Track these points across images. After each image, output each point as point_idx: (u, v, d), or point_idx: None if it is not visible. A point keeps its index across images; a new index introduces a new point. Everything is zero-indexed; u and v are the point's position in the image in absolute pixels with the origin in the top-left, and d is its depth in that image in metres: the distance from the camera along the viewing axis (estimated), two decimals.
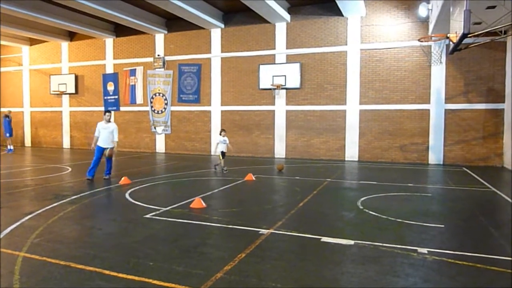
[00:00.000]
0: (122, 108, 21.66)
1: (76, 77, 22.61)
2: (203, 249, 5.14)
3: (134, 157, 18.25)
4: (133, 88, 21.29)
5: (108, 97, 21.86)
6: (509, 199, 8.67)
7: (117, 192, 9.21)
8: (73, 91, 22.54)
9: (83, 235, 5.85)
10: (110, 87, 21.80)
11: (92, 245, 5.28)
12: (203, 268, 4.45)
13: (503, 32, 12.71)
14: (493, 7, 10.48)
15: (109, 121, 11.02)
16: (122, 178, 10.52)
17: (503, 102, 15.09)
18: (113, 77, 21.73)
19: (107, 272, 4.32)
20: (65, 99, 23.15)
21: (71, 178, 11.44)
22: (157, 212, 7.17)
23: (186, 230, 6.06)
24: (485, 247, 5.36)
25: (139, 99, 21.17)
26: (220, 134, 13.24)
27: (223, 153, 12.89)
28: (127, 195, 8.75)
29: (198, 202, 7.62)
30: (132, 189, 9.47)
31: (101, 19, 19.34)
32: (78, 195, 8.66)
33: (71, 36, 22.57)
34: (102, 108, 22.01)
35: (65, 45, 22.91)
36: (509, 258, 4.85)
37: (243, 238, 5.63)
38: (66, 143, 23.29)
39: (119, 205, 8.08)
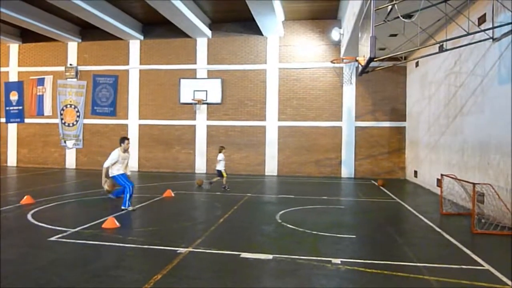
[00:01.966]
0: (27, 120, 19.79)
1: None
2: (115, 272, 4.80)
3: (39, 173, 16.68)
4: (40, 98, 19.61)
5: (11, 108, 19.86)
6: (410, 209, 9.50)
7: (17, 213, 8.28)
8: None
9: None
10: (14, 96, 19.85)
11: None
12: None
13: (403, 57, 14.15)
14: (395, 35, 11.62)
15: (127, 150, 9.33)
16: (25, 197, 9.50)
17: (405, 120, 16.68)
18: (18, 86, 19.83)
19: None
20: None
21: None
22: (64, 234, 6.57)
23: (97, 253, 5.62)
24: (391, 255, 5.77)
25: (47, 110, 19.55)
26: (221, 152, 12.78)
27: (221, 172, 12.55)
28: (29, 216, 7.90)
29: (111, 222, 7.14)
30: (36, 209, 8.60)
31: (4, 22, 17.59)
32: None
33: None
34: (3, 120, 19.92)
35: None
36: (411, 264, 5.26)
37: (159, 259, 5.38)
38: None
39: (19, 227, 7.22)
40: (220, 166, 12.61)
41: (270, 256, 5.48)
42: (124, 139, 9.27)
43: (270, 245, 6.17)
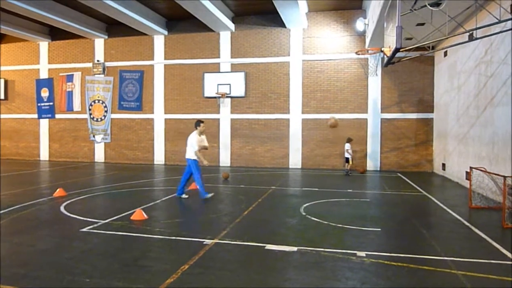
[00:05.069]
0: (57, 116, 20.47)
1: (6, 82, 21.04)
2: (144, 263, 4.96)
3: (70, 167, 17.27)
4: (70, 94, 20.22)
5: (42, 104, 20.57)
6: (438, 202, 9.32)
7: (51, 206, 8.64)
8: (2, 97, 20.94)
9: (11, 253, 5.39)
10: (45, 93, 20.54)
11: (22, 264, 4.89)
12: (144, 282, 4.29)
13: (431, 47, 13.78)
14: (422, 24, 11.32)
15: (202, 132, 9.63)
16: (57, 190, 9.89)
17: (432, 112, 16.29)
18: (48, 83, 20.51)
19: None
20: None
21: None
22: (95, 225, 6.82)
23: (126, 243, 5.82)
24: (417, 248, 5.70)
25: (76, 106, 20.14)
26: (349, 142, 15.34)
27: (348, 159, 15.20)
28: (62, 208, 8.24)
29: (139, 214, 7.36)
30: (68, 202, 8.94)
31: (34, 21, 18.21)
32: (6, 210, 8.01)
33: (1, 38, 21.00)
34: (35, 116, 20.68)
35: None
36: (438, 258, 5.19)
37: (186, 250, 5.51)
38: None
39: (53, 219, 7.55)
40: (348, 154, 15.15)
41: (295, 248, 5.53)
42: (200, 122, 9.55)
43: (295, 238, 6.21)
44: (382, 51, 11.26)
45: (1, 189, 10.63)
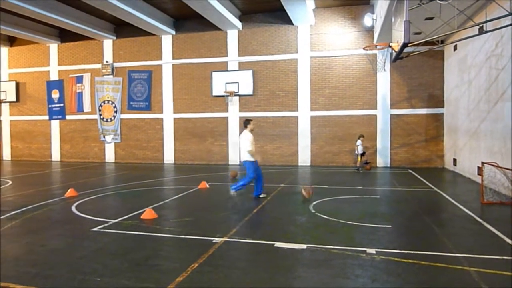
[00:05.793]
0: (68, 117, 20.70)
1: (17, 84, 21.33)
2: (154, 261, 4.99)
3: (81, 167, 17.46)
4: (80, 95, 20.42)
5: (53, 105, 20.81)
6: (449, 198, 9.21)
7: (63, 206, 8.74)
8: (14, 99, 21.24)
9: (23, 252, 5.47)
10: (55, 94, 20.78)
11: (33, 263, 4.95)
12: (154, 281, 4.32)
13: (440, 41, 13.62)
14: (431, 18, 11.18)
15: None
16: (68, 190, 10.00)
17: (443, 107, 16.09)
18: (58, 84, 20.73)
19: None
20: (5, 107, 21.76)
21: (12, 192, 10.71)
22: (106, 224, 6.88)
23: (137, 242, 5.86)
24: (428, 245, 5.64)
25: (86, 107, 20.34)
26: (359, 139, 15.58)
27: (361, 154, 15.45)
28: (73, 208, 8.33)
29: (149, 213, 7.40)
30: (79, 202, 9.03)
31: (44, 23, 18.42)
32: (19, 210, 8.13)
33: (11, 41, 21.29)
34: (46, 117, 20.92)
35: (4, 50, 21.55)
36: (450, 254, 5.14)
37: (196, 248, 5.53)
38: (7, 155, 21.83)
39: (64, 219, 7.63)
40: (358, 150, 15.39)
41: (304, 246, 5.51)
42: (250, 120, 9.97)
43: (304, 235, 6.19)
44: (390, 46, 11.17)
45: (9, 190, 10.79)
